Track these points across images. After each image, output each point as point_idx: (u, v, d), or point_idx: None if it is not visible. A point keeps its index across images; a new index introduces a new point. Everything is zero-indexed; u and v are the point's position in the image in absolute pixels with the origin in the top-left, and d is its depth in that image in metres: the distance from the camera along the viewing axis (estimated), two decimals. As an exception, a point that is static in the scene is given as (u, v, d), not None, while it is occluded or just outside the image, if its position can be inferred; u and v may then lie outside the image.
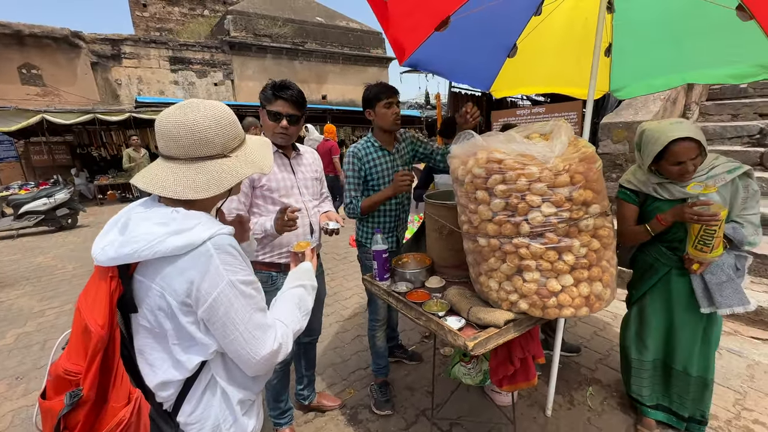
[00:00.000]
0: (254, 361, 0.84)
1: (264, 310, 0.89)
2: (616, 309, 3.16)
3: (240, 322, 0.82)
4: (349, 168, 2.01)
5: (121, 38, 12.61)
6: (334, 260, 4.85)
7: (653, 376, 1.89)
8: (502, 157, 1.23)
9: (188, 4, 18.54)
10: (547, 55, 2.44)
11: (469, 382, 1.88)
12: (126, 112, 10.30)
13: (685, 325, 1.74)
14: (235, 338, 0.83)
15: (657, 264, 1.77)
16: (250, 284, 0.86)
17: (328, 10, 17.94)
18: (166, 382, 0.84)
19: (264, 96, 1.64)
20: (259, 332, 0.85)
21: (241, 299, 0.82)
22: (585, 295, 1.25)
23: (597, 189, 1.25)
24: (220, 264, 0.80)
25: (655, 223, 1.62)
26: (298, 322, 0.99)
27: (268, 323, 0.88)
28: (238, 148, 0.91)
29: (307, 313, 1.05)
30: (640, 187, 1.73)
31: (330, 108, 14.82)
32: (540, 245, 1.22)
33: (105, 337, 0.75)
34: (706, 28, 1.90)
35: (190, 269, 0.78)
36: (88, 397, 0.74)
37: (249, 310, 0.84)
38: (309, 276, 1.13)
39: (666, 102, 4.30)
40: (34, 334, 3.34)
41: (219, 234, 0.82)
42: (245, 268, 0.85)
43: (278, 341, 0.88)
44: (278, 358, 0.89)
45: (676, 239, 1.68)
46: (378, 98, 1.94)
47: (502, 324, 1.27)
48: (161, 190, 0.81)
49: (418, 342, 2.87)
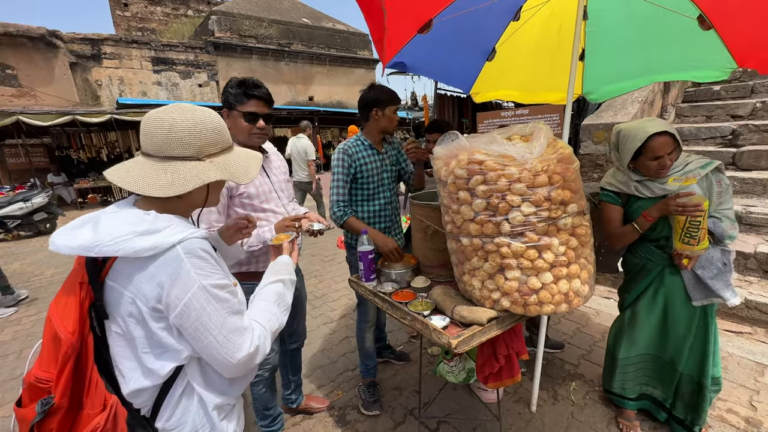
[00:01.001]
0: (231, 364, 0.83)
1: (240, 313, 0.87)
2: (598, 305, 3.25)
3: (213, 327, 0.81)
4: (339, 165, 2.01)
5: (101, 38, 12.30)
6: (321, 262, 4.84)
7: (638, 369, 1.91)
8: (482, 158, 1.26)
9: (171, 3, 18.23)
10: (523, 60, 2.51)
11: (452, 380, 1.90)
12: (107, 113, 10.04)
13: (679, 320, 1.75)
14: (210, 343, 0.81)
15: (649, 264, 1.78)
16: (224, 288, 0.84)
17: (314, 12, 17.90)
18: (138, 390, 0.82)
19: (232, 97, 1.54)
20: (235, 336, 0.84)
21: (213, 303, 0.81)
22: (564, 292, 1.28)
23: (574, 189, 1.29)
24: (191, 268, 0.78)
25: (642, 220, 1.64)
26: (276, 320, 0.98)
27: (244, 326, 0.86)
28: (216, 154, 0.89)
29: (287, 308, 1.04)
30: (621, 187, 1.75)
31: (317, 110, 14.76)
32: (520, 244, 1.25)
33: (75, 344, 0.75)
34: (671, 36, 1.99)
35: (160, 274, 0.77)
36: (60, 405, 0.74)
37: (223, 314, 0.82)
38: (288, 270, 1.11)
39: (643, 104, 4.44)
40: (11, 343, 3.23)
41: (190, 238, 0.80)
42: (218, 272, 0.84)
43: (255, 344, 0.86)
44: (256, 360, 0.88)
45: (663, 236, 1.71)
46: (392, 102, 2.02)
47: (485, 322, 1.30)
48: (122, 182, 0.80)
49: (405, 342, 2.89)
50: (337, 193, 2.02)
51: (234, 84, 1.56)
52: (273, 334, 0.95)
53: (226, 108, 1.57)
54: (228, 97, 1.56)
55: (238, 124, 1.56)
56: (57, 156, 10.96)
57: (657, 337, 1.83)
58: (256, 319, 0.93)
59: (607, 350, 2.04)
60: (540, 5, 2.14)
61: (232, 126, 1.57)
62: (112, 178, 0.81)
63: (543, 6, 2.15)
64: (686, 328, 1.74)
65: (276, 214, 1.67)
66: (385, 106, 2.01)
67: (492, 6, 2.03)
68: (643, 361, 1.89)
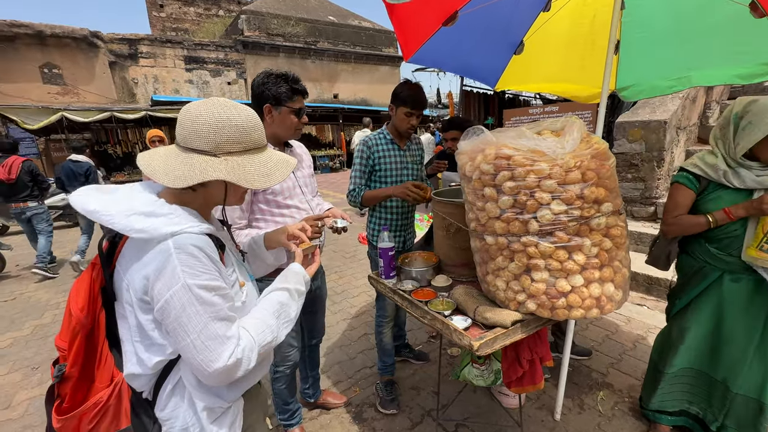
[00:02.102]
0: (207, 373, 0.78)
1: (227, 319, 0.81)
2: (629, 312, 3.09)
3: (192, 330, 0.76)
4: (358, 156, 2.04)
5: (138, 38, 12.88)
6: (343, 258, 4.86)
7: (683, 384, 1.75)
8: (510, 153, 1.20)
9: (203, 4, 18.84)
10: (553, 53, 2.39)
11: (481, 383, 1.83)
12: (142, 110, 10.52)
13: (735, 336, 1.58)
14: (186, 345, 0.77)
15: (706, 268, 1.60)
16: (213, 290, 0.78)
17: (340, 10, 18.00)
18: (132, 374, 0.84)
19: (282, 93, 1.52)
20: (214, 343, 0.77)
21: (196, 305, 0.76)
22: (596, 297, 1.21)
23: (610, 187, 1.21)
24: (178, 264, 0.75)
25: (722, 215, 1.46)
26: (271, 333, 0.88)
27: (228, 335, 0.79)
28: (235, 153, 0.83)
29: (289, 321, 0.94)
30: (707, 171, 1.53)
31: (341, 107, 14.87)
32: (549, 244, 1.18)
33: (83, 321, 0.80)
34: (715, 26, 1.84)
35: (148, 265, 0.76)
36: (70, 374, 0.81)
37: (204, 317, 0.77)
38: (296, 279, 1.01)
39: (685, 101, 4.17)
40: (51, 326, 3.43)
41: (185, 232, 0.77)
42: (209, 272, 0.79)
43: (235, 357, 0.79)
44: (236, 373, 0.80)
45: (727, 236, 1.52)
46: (404, 103, 1.95)
47: (509, 324, 1.24)
48: (144, 166, 0.81)
49: (424, 341, 2.85)
50: (354, 183, 2.03)
51: (276, 79, 1.52)
52: (265, 347, 0.86)
53: (272, 104, 1.54)
54: (275, 93, 1.52)
55: (286, 120, 1.56)
56: (96, 150, 11.57)
57: (707, 352, 1.67)
58: (248, 329, 0.85)
59: (650, 362, 1.89)
60: (574, -6, 2.04)
61: (278, 122, 1.57)
62: (140, 162, 0.83)
63: (575, -4, 2.04)
64: (745, 344, 1.57)
65: (300, 210, 1.66)
66: (398, 105, 1.98)
67: (521, -5, 1.95)
68: (689, 376, 1.74)
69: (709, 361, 1.69)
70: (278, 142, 1.65)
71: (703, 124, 4.92)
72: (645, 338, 2.72)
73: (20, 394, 2.48)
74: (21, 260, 5.47)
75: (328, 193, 9.76)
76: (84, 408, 0.81)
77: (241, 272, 0.97)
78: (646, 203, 4.06)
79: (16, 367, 2.80)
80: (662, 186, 4.06)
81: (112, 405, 0.81)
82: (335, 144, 15.31)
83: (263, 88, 1.53)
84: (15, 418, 2.26)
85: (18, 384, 2.58)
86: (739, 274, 1.54)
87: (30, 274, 4.82)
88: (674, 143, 4.11)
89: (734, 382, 1.61)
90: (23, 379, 2.63)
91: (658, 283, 3.31)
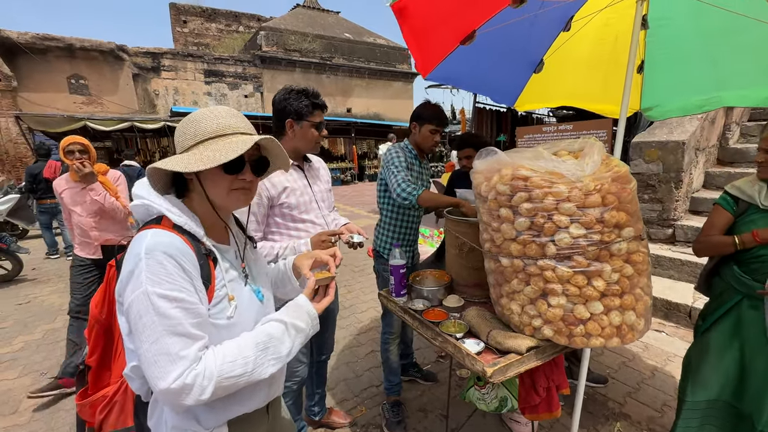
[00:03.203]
0: (156, 389, 0.71)
1: (185, 336, 0.72)
2: (647, 339, 2.97)
3: (145, 340, 0.70)
4: (396, 156, 2.01)
5: (161, 52, 13.39)
6: (351, 272, 4.83)
7: (708, 417, 1.65)
8: (528, 174, 1.18)
9: (225, 20, 19.56)
10: (573, 72, 2.38)
11: (483, 408, 1.77)
12: (161, 120, 10.84)
13: (756, 365, 1.51)
14: (142, 354, 0.71)
15: (729, 290, 1.58)
16: (174, 301, 0.71)
17: (356, 27, 18.46)
18: (127, 376, 0.83)
19: (303, 108, 1.55)
20: (164, 360, 0.69)
21: (152, 315, 0.70)
22: (616, 325, 1.16)
23: (631, 211, 1.17)
24: (144, 269, 0.71)
25: (749, 237, 1.45)
26: (243, 366, 0.76)
27: (181, 354, 0.70)
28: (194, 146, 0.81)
29: (276, 359, 0.81)
30: (748, 192, 1.54)
31: (354, 121, 15.07)
32: (567, 268, 1.15)
33: (98, 317, 0.90)
34: (747, 45, 1.80)
35: (126, 265, 0.75)
36: (88, 363, 0.91)
37: (159, 329, 0.70)
38: (298, 314, 0.88)
39: (704, 122, 4.10)
40: (62, 330, 3.45)
41: (159, 235, 0.75)
42: (173, 282, 0.72)
43: (182, 381, 0.69)
44: (182, 399, 0.70)
45: (757, 260, 1.48)
46: (429, 121, 2.01)
47: (524, 351, 1.20)
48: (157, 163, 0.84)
49: (433, 361, 2.78)
50: (402, 178, 1.93)
51: (297, 95, 1.55)
52: (230, 380, 0.74)
53: (293, 119, 1.56)
54: (296, 108, 1.55)
55: (307, 134, 1.59)
56: (115, 159, 11.91)
57: (733, 380, 1.58)
58: (216, 355, 0.75)
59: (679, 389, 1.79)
60: (593, 14, 2.03)
61: (299, 135, 1.60)
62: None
63: (596, 15, 2.04)
64: (765, 376, 1.49)
65: (315, 225, 1.65)
66: (422, 124, 2.03)
67: (539, 16, 1.95)
68: (713, 408, 1.64)
69: (734, 390, 1.60)
70: (298, 155, 1.67)
71: (723, 145, 4.82)
72: (664, 367, 2.61)
73: (28, 399, 2.49)
74: (38, 264, 5.59)
75: (338, 206, 9.81)
76: (94, 398, 0.90)
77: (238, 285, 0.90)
78: (663, 225, 3.96)
79: (25, 371, 2.82)
80: (680, 208, 3.96)
81: (118, 401, 0.86)
82: (347, 157, 15.49)
83: (285, 104, 1.56)
84: (21, 424, 2.26)
85: (27, 388, 2.59)
86: (758, 300, 1.49)
87: (45, 278, 4.92)
88: (693, 164, 4.03)
89: (759, 417, 1.51)
90: (32, 384, 2.64)
91: (677, 308, 3.18)
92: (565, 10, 2.04)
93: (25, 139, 10.66)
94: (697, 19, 1.84)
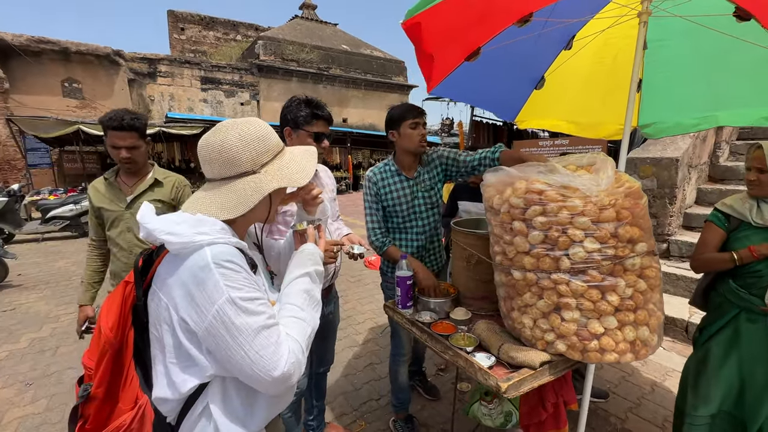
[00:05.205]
0: (267, 382, 0.76)
1: (273, 326, 0.79)
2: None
3: (243, 342, 0.74)
4: (366, 193, 1.95)
5: (158, 58, 13.36)
6: (348, 282, 4.78)
7: (711, 430, 1.67)
8: (543, 187, 1.19)
9: (222, 29, 19.67)
10: (574, 89, 2.43)
11: (488, 423, 1.75)
12: (156, 126, 10.74)
13: (755, 379, 1.53)
14: (241, 359, 0.74)
15: (726, 304, 1.61)
16: (256, 300, 0.77)
17: (353, 39, 18.71)
18: (162, 398, 0.80)
19: (301, 117, 1.54)
20: (268, 352, 0.76)
21: (243, 317, 0.74)
22: (630, 340, 1.15)
23: (644, 226, 1.18)
24: (220, 279, 0.73)
25: (746, 253, 1.48)
26: (309, 326, 0.87)
27: (279, 341, 0.78)
28: (270, 162, 0.88)
29: (317, 305, 0.93)
30: (738, 209, 1.58)
31: (350, 131, 15.16)
32: (582, 282, 1.15)
33: (112, 340, 0.80)
34: (742, 66, 1.86)
35: (188, 282, 0.73)
36: (95, 394, 0.81)
37: (253, 328, 0.75)
38: (314, 260, 0.97)
39: (696, 139, 4.21)
40: (48, 339, 3.34)
41: (217, 243, 0.77)
42: (249, 284, 0.78)
43: (290, 362, 0.77)
44: (293, 379, 0.79)
45: (753, 275, 1.51)
46: (404, 117, 1.84)
47: (538, 365, 1.19)
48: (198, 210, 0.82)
49: (432, 375, 2.74)
50: (371, 221, 1.94)
51: (299, 103, 1.55)
52: (308, 341, 0.86)
53: (291, 127, 1.57)
54: (294, 117, 1.55)
55: (303, 143, 1.57)
56: (108, 163, 11.74)
57: (734, 391, 1.60)
58: (290, 333, 0.83)
59: (676, 402, 1.81)
60: (595, 34, 2.09)
61: (296, 144, 1.57)
62: (186, 208, 0.83)
63: (597, 35, 2.10)
64: (764, 388, 1.51)
65: None
66: (398, 125, 1.85)
67: (542, 35, 2.00)
68: (714, 423, 1.65)
69: (735, 402, 1.62)
70: None
71: (714, 163, 4.95)
72: (663, 382, 2.61)
73: (11, 411, 2.38)
74: (24, 270, 5.42)
75: (334, 215, 9.74)
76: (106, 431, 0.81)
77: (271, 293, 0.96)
78: (658, 240, 4.02)
79: (9, 382, 2.70)
80: (674, 223, 4.03)
81: (134, 429, 0.79)
82: (342, 166, 15.52)
83: (285, 112, 1.58)
84: (4, 439, 2.16)
85: (10, 401, 2.48)
86: (756, 314, 1.52)
87: (32, 284, 4.77)
88: (686, 181, 4.12)
89: (752, 427, 1.53)
90: (16, 396, 2.53)
91: (673, 323, 3.21)
92: (568, 29, 2.10)
93: (15, 142, 10.46)
94: (693, 41, 1.90)
